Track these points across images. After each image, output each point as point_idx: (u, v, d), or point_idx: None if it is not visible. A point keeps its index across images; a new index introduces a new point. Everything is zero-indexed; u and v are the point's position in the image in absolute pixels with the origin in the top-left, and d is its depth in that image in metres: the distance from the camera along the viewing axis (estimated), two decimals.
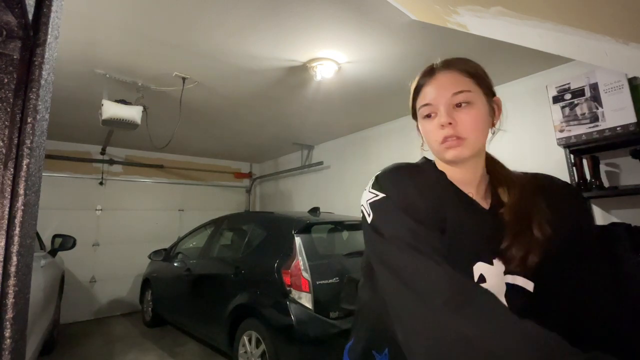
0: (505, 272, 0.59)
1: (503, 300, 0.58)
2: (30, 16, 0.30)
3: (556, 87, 2.20)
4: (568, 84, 2.14)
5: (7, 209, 0.28)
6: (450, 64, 0.65)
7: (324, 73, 2.40)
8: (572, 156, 2.15)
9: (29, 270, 0.30)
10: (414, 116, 0.71)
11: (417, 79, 0.69)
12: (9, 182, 0.29)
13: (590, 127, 2.03)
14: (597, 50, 1.10)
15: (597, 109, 2.01)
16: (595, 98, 2.02)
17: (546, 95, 2.26)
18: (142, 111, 2.82)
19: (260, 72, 2.53)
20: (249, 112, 3.45)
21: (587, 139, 2.04)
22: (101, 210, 4.65)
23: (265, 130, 4.11)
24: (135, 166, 5.03)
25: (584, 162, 2.15)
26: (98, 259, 4.54)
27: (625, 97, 1.90)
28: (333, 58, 2.32)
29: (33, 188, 0.31)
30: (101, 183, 4.68)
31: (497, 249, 0.60)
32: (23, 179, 0.29)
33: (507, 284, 0.59)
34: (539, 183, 0.68)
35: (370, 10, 1.79)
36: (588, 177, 2.13)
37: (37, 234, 2.87)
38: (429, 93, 0.64)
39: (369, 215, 0.60)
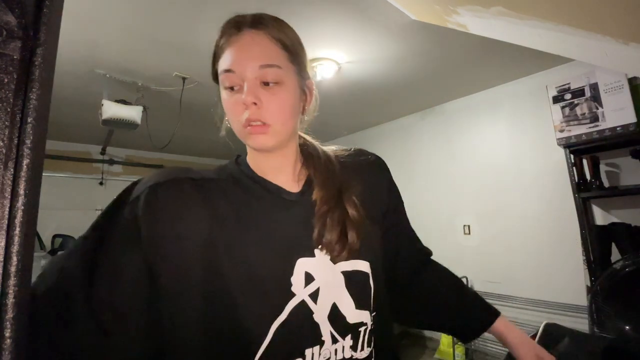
0: (335, 261, 0.52)
1: (346, 293, 0.52)
2: (30, 16, 0.30)
3: (556, 87, 2.20)
4: (568, 84, 2.14)
5: (7, 209, 0.28)
6: (261, 23, 0.51)
7: (324, 73, 2.39)
8: (572, 156, 2.15)
9: (29, 270, 0.30)
10: (215, 79, 0.57)
11: (219, 32, 0.54)
12: (9, 182, 0.29)
13: (590, 127, 2.03)
14: (597, 50, 1.10)
15: (597, 109, 2.01)
16: (595, 98, 2.02)
17: (546, 95, 2.26)
18: (142, 111, 2.82)
19: None
20: None
21: (587, 139, 2.04)
22: (101, 210, 4.65)
23: None
24: (135, 166, 5.03)
25: (584, 162, 2.15)
26: None
27: (625, 97, 1.90)
28: (333, 58, 2.32)
29: (33, 188, 0.31)
30: (101, 183, 4.68)
31: (316, 238, 0.52)
32: (23, 179, 0.29)
33: (344, 273, 0.52)
34: (349, 159, 0.64)
35: (370, 10, 1.79)
36: (588, 177, 2.13)
37: (37, 234, 2.87)
38: (232, 57, 0.50)
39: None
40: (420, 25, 1.89)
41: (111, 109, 2.65)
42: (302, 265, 0.50)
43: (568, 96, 2.14)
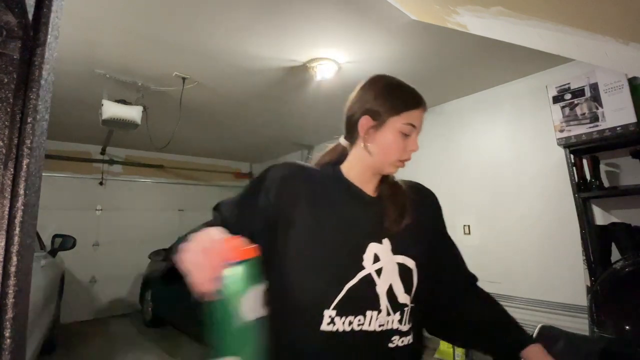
0: (394, 252, 0.70)
1: (398, 279, 0.69)
2: (30, 16, 0.30)
3: (556, 87, 2.20)
4: (568, 84, 2.14)
5: (7, 209, 0.28)
6: (426, 107, 0.75)
7: (324, 73, 2.40)
8: (572, 156, 2.15)
9: (29, 270, 0.30)
10: (372, 111, 0.74)
11: (413, 96, 0.73)
12: (9, 182, 0.29)
13: (590, 127, 2.03)
14: (597, 50, 1.10)
15: (597, 109, 2.01)
16: (595, 98, 2.02)
17: (546, 95, 2.26)
18: (142, 111, 2.82)
19: (260, 72, 2.53)
20: (249, 112, 3.45)
21: (587, 139, 2.04)
22: (101, 210, 4.65)
23: (265, 130, 4.11)
24: (135, 166, 5.03)
25: (584, 162, 2.15)
26: (98, 259, 4.54)
27: (625, 97, 1.90)
28: (333, 58, 2.32)
29: (33, 188, 0.31)
30: (101, 183, 4.68)
31: (385, 231, 0.72)
32: (23, 179, 0.29)
33: (398, 263, 0.70)
34: (410, 185, 0.85)
35: (370, 10, 1.79)
36: (588, 177, 2.13)
37: (37, 234, 2.87)
38: (418, 119, 0.73)
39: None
40: (420, 25, 1.89)
41: (111, 109, 2.65)
42: (373, 248, 0.68)
43: (568, 96, 2.14)
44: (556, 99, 2.19)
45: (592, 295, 1.66)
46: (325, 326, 0.62)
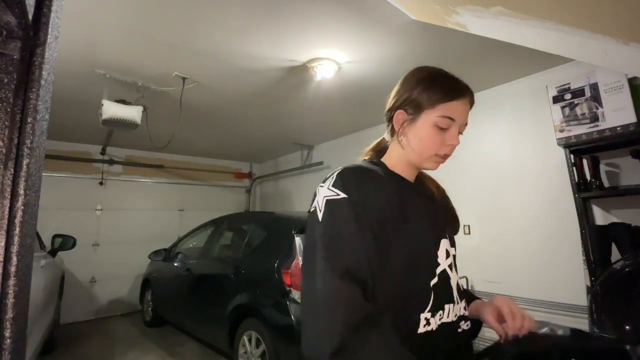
0: (451, 245, 0.74)
1: (455, 269, 0.72)
2: (30, 16, 0.30)
3: (556, 87, 2.20)
4: (568, 84, 2.14)
5: (7, 209, 0.28)
6: (472, 97, 0.72)
7: (324, 73, 2.39)
8: (572, 156, 2.15)
9: (29, 270, 0.30)
10: (407, 104, 0.71)
11: (451, 87, 0.69)
12: (9, 182, 0.29)
13: (590, 127, 2.03)
14: (597, 50, 1.10)
15: (597, 109, 2.01)
16: (595, 98, 2.02)
17: (546, 95, 2.26)
18: (142, 111, 2.82)
19: (260, 72, 2.52)
20: (249, 112, 3.45)
21: (587, 139, 2.04)
22: (101, 210, 4.65)
23: (265, 130, 4.11)
24: (135, 166, 5.03)
25: (584, 162, 2.14)
26: (98, 259, 4.54)
27: (625, 97, 1.90)
28: (333, 58, 2.32)
29: (33, 188, 0.31)
30: (101, 183, 4.68)
31: (445, 225, 0.75)
32: (23, 179, 0.29)
33: (453, 255, 0.73)
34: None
35: (370, 10, 1.79)
36: (588, 177, 2.13)
37: (37, 234, 2.87)
38: (458, 111, 0.69)
39: (320, 211, 0.63)
40: (420, 25, 1.89)
41: (111, 109, 2.65)
42: (444, 244, 0.70)
43: (568, 96, 2.13)
44: (556, 99, 2.19)
45: (592, 295, 1.66)
46: (421, 329, 0.63)
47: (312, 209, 0.65)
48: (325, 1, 1.73)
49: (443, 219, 0.75)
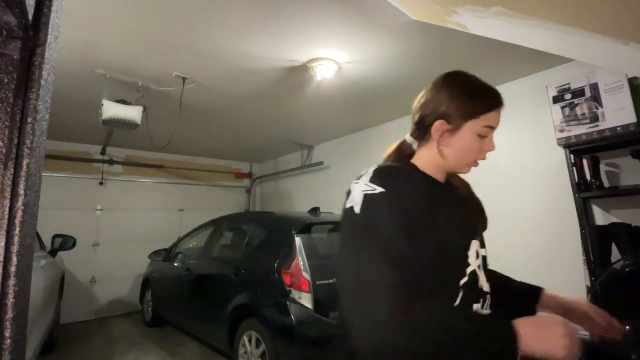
0: (481, 246, 0.75)
1: (482, 270, 0.74)
2: (30, 16, 0.30)
3: (556, 87, 2.20)
4: (568, 84, 2.14)
5: (7, 209, 0.28)
6: (503, 103, 0.76)
7: (324, 73, 2.39)
8: (572, 156, 2.15)
9: (29, 270, 0.30)
10: (448, 115, 0.73)
11: (491, 97, 0.73)
12: (9, 182, 0.29)
13: (590, 127, 2.03)
14: (597, 50, 1.10)
15: (597, 109, 2.01)
16: (595, 98, 2.02)
17: (546, 95, 2.26)
18: (142, 111, 2.82)
19: (260, 72, 2.52)
20: (249, 112, 3.45)
21: (587, 139, 2.04)
22: (101, 210, 4.65)
23: (265, 130, 4.11)
24: (135, 166, 5.03)
25: (584, 162, 2.14)
26: (98, 259, 4.54)
27: (625, 97, 1.90)
28: (333, 58, 2.32)
29: (33, 188, 0.31)
30: (101, 183, 4.68)
31: (477, 226, 0.77)
32: (23, 179, 0.29)
33: (482, 256, 0.75)
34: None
35: (370, 10, 1.79)
36: (588, 177, 2.13)
37: (37, 234, 2.87)
38: (496, 119, 0.74)
39: (357, 204, 0.65)
40: (420, 25, 1.89)
41: (111, 109, 2.65)
42: (474, 244, 0.72)
43: (568, 96, 2.13)
44: (556, 99, 2.19)
45: (592, 295, 1.66)
46: None
47: (347, 205, 0.67)
48: (325, 1, 1.73)
49: (473, 219, 0.78)
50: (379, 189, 0.64)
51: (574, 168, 2.13)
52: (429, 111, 0.74)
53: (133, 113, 2.74)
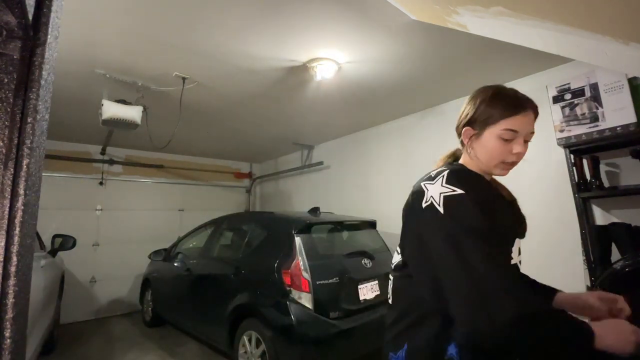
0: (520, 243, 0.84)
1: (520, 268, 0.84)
2: (30, 16, 0.30)
3: (556, 87, 2.20)
4: (568, 84, 2.14)
5: (7, 209, 0.28)
6: (535, 108, 0.82)
7: (324, 73, 2.39)
8: (572, 156, 2.15)
9: (29, 270, 0.30)
10: (472, 122, 0.82)
11: (512, 104, 0.79)
12: (9, 182, 0.29)
13: (590, 127, 2.03)
14: (597, 50, 1.10)
15: (597, 109, 2.01)
16: (595, 98, 2.02)
17: (546, 95, 2.26)
18: (142, 111, 2.82)
19: (260, 72, 2.52)
20: (249, 112, 3.45)
21: (587, 139, 2.04)
22: (101, 210, 4.65)
23: (265, 130, 4.11)
24: (135, 166, 5.03)
25: (584, 162, 2.14)
26: (98, 259, 4.54)
27: (625, 97, 1.90)
28: (333, 58, 2.32)
29: (33, 188, 0.31)
30: (101, 183, 4.68)
31: (519, 227, 0.85)
32: (23, 179, 0.29)
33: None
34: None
35: (370, 10, 1.79)
36: (588, 177, 2.13)
37: (37, 234, 2.87)
38: (520, 124, 0.78)
39: (439, 205, 0.71)
40: (420, 25, 1.89)
41: (111, 109, 2.65)
42: (517, 242, 0.82)
43: (568, 96, 2.13)
44: (556, 99, 2.19)
45: None
46: None
47: (424, 205, 0.73)
48: (325, 1, 1.73)
49: (517, 220, 0.86)
50: (459, 190, 0.71)
51: (574, 168, 2.13)
52: (461, 120, 0.86)
53: (133, 113, 2.74)
